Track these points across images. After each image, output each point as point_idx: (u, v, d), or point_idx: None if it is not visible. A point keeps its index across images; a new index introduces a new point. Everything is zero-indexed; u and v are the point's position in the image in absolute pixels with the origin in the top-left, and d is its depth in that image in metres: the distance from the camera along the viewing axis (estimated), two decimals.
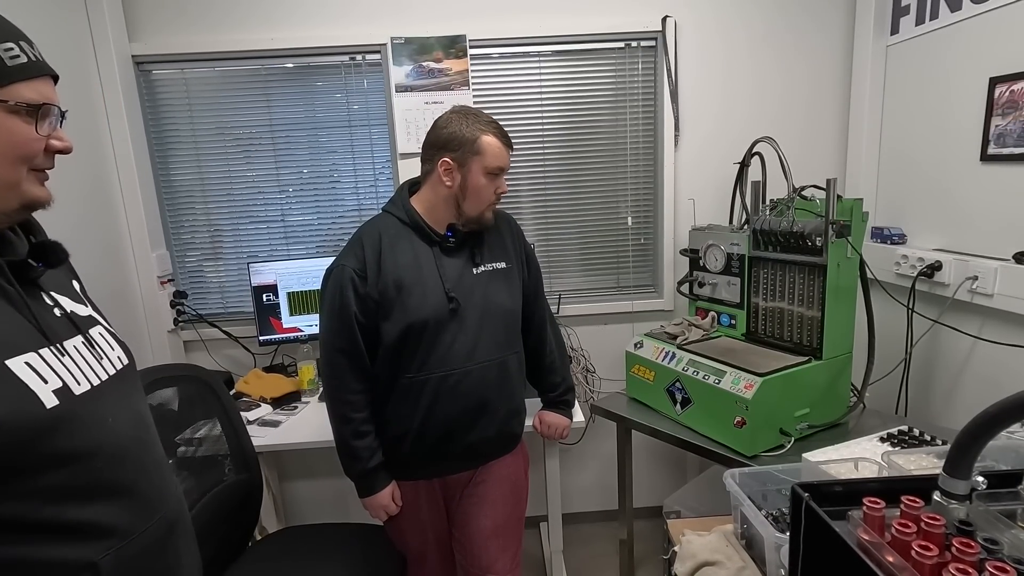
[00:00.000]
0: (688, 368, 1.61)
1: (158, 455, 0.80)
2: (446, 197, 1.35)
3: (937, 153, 1.80)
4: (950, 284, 1.67)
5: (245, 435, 1.52)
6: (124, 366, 0.79)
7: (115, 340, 0.81)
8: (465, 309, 1.35)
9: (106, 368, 0.74)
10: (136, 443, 0.74)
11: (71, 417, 0.65)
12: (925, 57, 1.83)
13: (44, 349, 0.66)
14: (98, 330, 0.78)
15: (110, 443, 0.70)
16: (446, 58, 2.08)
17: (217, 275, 2.28)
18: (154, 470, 0.77)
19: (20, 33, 0.67)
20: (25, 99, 0.64)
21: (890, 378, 1.85)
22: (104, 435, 0.69)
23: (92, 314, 0.80)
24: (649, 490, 2.46)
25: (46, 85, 0.68)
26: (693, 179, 2.21)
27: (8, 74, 0.63)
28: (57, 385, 0.65)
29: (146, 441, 0.77)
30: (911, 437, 1.35)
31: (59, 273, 0.78)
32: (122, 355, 0.80)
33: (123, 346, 0.82)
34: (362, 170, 2.22)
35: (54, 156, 0.70)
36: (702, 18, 2.12)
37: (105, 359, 0.75)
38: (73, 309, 0.75)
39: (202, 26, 2.05)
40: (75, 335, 0.73)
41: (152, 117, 2.13)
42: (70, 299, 0.77)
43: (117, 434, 0.71)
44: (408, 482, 1.44)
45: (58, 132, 0.70)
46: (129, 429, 0.74)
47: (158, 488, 0.76)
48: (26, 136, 0.65)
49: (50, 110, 0.67)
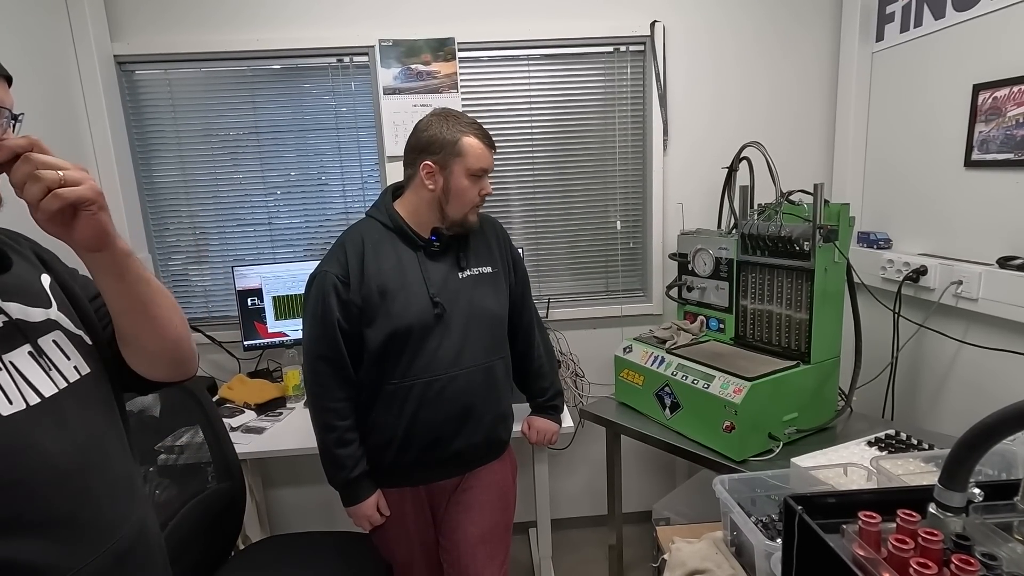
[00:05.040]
0: (677, 373, 1.61)
1: (114, 476, 0.73)
2: (429, 201, 1.33)
3: (922, 159, 1.82)
4: (935, 288, 1.69)
5: (228, 442, 1.49)
6: (81, 377, 0.72)
7: (77, 345, 0.74)
8: (450, 314, 1.34)
9: (55, 381, 0.68)
10: (79, 467, 0.67)
11: None
12: (910, 64, 1.85)
13: None
14: (53, 337, 0.72)
15: (39, 472, 0.63)
16: (434, 61, 2.07)
17: (202, 279, 2.24)
18: (104, 496, 0.70)
19: None
20: None
21: (877, 382, 1.86)
22: (31, 463, 0.62)
23: (52, 317, 0.73)
24: (638, 495, 2.45)
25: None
26: (682, 183, 2.22)
27: None
28: None
29: (95, 462, 0.70)
30: (898, 441, 1.36)
31: (20, 273, 0.72)
32: (81, 364, 0.73)
33: (88, 352, 0.76)
34: (349, 173, 2.20)
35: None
36: (691, 23, 2.13)
37: (55, 371, 0.69)
38: (22, 317, 0.69)
39: (186, 26, 2.02)
40: (20, 345, 0.67)
41: (135, 118, 2.09)
42: (22, 304, 0.70)
43: (51, 459, 0.64)
44: (394, 489, 1.42)
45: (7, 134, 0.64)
46: (71, 451, 0.67)
47: (106, 517, 0.70)
48: None
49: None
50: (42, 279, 0.76)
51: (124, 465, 0.76)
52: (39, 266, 0.78)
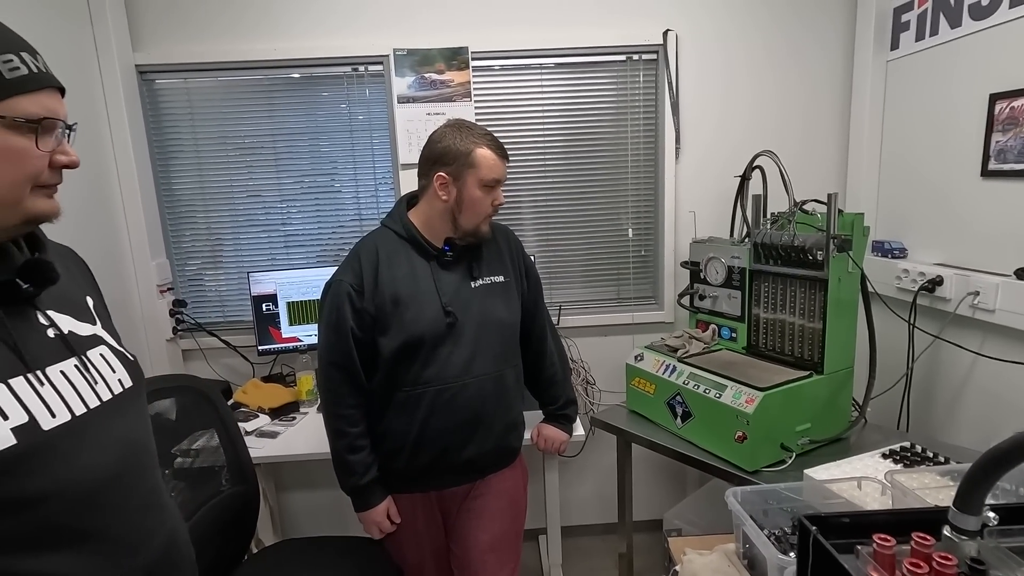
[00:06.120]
0: (689, 382, 1.61)
1: (149, 486, 0.74)
2: (442, 211, 1.34)
3: (938, 168, 1.80)
4: (951, 299, 1.67)
5: (242, 446, 1.51)
6: (125, 389, 0.74)
7: (121, 360, 0.76)
8: (462, 323, 1.35)
9: (99, 393, 0.69)
10: (116, 480, 0.68)
11: (29, 457, 0.59)
12: (925, 73, 1.83)
13: (17, 379, 0.61)
14: (100, 351, 0.73)
15: (79, 484, 0.64)
16: (448, 70, 2.09)
17: (217, 283, 2.27)
18: (137, 510, 0.71)
19: (22, 43, 0.63)
20: (25, 113, 0.61)
21: (891, 393, 1.84)
22: (72, 475, 0.63)
23: (98, 333, 0.75)
24: (649, 503, 2.44)
25: (51, 98, 0.65)
26: (694, 191, 2.21)
27: (7, 87, 0.60)
28: (21, 420, 0.59)
29: (133, 475, 0.71)
30: (913, 453, 1.34)
31: (69, 288, 0.74)
32: (125, 377, 0.75)
33: (131, 366, 0.77)
34: (363, 180, 2.22)
35: (61, 171, 0.66)
36: (704, 32, 2.13)
37: (101, 383, 0.70)
38: (72, 329, 0.71)
39: (206, 36, 2.06)
40: (67, 358, 0.68)
41: (154, 126, 2.13)
42: (73, 317, 0.72)
43: (91, 472, 0.65)
44: (405, 495, 1.43)
45: (63, 147, 0.66)
46: (110, 464, 0.68)
47: (138, 531, 0.70)
48: (26, 153, 0.62)
49: (53, 124, 0.64)
50: (87, 299, 0.78)
51: (155, 477, 0.77)
52: (84, 286, 0.80)
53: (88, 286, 0.82)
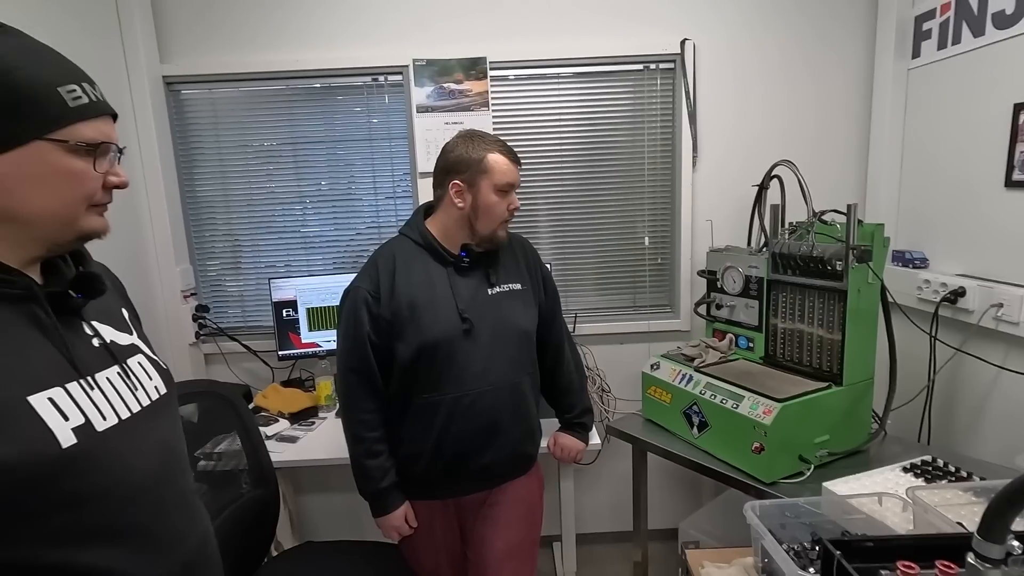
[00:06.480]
0: (705, 391, 1.60)
1: (183, 488, 0.79)
2: (459, 218, 1.37)
3: (960, 177, 1.78)
4: (974, 311, 1.65)
5: (263, 450, 1.53)
6: (160, 396, 0.78)
7: (156, 368, 0.80)
8: (479, 330, 1.36)
9: (139, 399, 0.74)
10: (157, 481, 0.72)
11: (87, 457, 0.64)
12: (947, 82, 1.82)
13: (72, 383, 0.65)
14: (138, 359, 0.78)
15: (126, 483, 0.68)
16: (466, 79, 2.11)
17: (237, 287, 2.31)
18: (175, 509, 0.75)
19: (83, 75, 0.68)
20: (85, 138, 0.66)
21: (912, 405, 1.82)
22: (121, 474, 0.67)
23: (135, 342, 0.80)
24: (664, 512, 2.43)
25: (106, 124, 0.70)
26: (711, 200, 2.21)
27: (70, 114, 0.65)
28: (79, 422, 0.64)
29: (170, 476, 0.76)
30: (935, 467, 1.33)
31: (108, 301, 0.78)
32: (160, 384, 0.79)
33: (164, 374, 0.81)
34: (382, 187, 2.26)
35: (112, 191, 0.71)
36: (722, 41, 2.13)
37: (140, 390, 0.74)
38: (113, 339, 0.75)
39: (230, 48, 2.11)
40: (110, 366, 0.72)
41: (179, 135, 2.19)
42: (113, 328, 0.77)
43: (137, 472, 0.69)
44: (422, 501, 1.44)
45: (115, 168, 0.71)
46: (152, 465, 0.72)
47: (177, 529, 0.74)
48: (85, 174, 0.67)
49: (108, 148, 0.69)
50: (123, 311, 0.83)
51: (189, 480, 0.81)
52: (119, 299, 0.85)
53: (122, 298, 0.87)
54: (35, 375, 0.62)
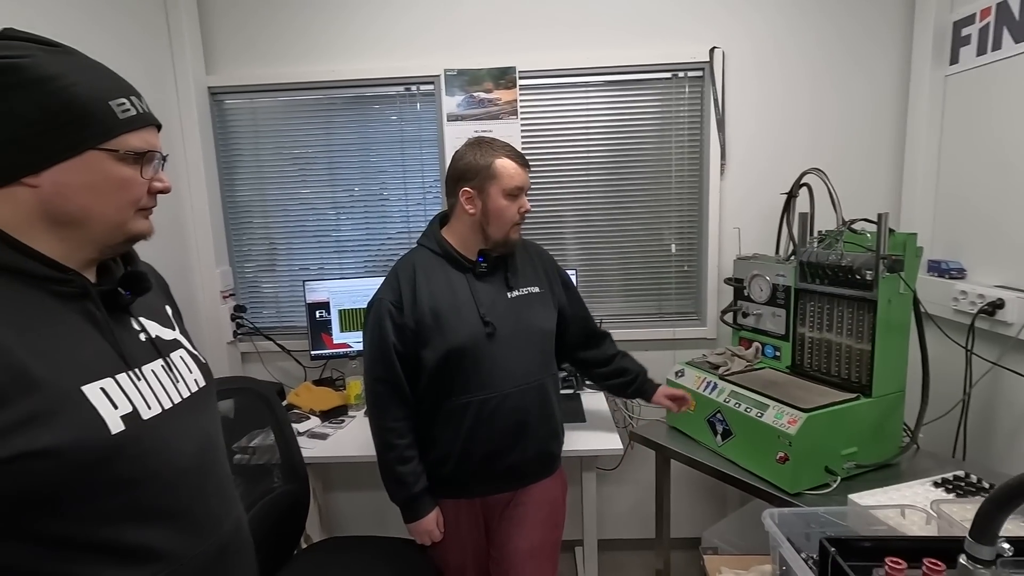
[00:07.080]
0: (730, 400, 1.60)
1: (221, 475, 0.83)
2: (472, 224, 1.40)
3: (999, 186, 1.73)
4: (1013, 323, 1.60)
5: (295, 446, 1.60)
6: (200, 388, 0.83)
7: (195, 362, 0.85)
8: (501, 332, 1.39)
9: (180, 391, 0.78)
10: (197, 467, 0.77)
11: (134, 442, 0.68)
12: (987, 88, 1.77)
13: (121, 374, 0.71)
14: (180, 353, 0.83)
15: (169, 468, 0.73)
16: (496, 88, 2.16)
17: (273, 289, 2.40)
18: (213, 494, 0.80)
19: (131, 89, 0.74)
20: (132, 148, 0.71)
21: (947, 419, 1.77)
22: (165, 460, 0.72)
23: (178, 337, 0.85)
24: (687, 520, 2.41)
25: (151, 134, 0.75)
26: (739, 208, 2.20)
27: (119, 126, 0.70)
28: (127, 410, 0.69)
29: (209, 464, 0.80)
30: (967, 483, 1.29)
31: (153, 298, 0.84)
32: (199, 377, 0.84)
33: (203, 368, 0.87)
34: (412, 193, 2.32)
35: (156, 195, 0.77)
36: (751, 49, 2.12)
37: (181, 382, 0.79)
38: (158, 334, 0.81)
39: (270, 59, 2.20)
40: (155, 359, 0.77)
41: (221, 142, 2.29)
42: (158, 324, 0.83)
43: (178, 458, 0.74)
44: (449, 500, 1.48)
45: (159, 175, 0.77)
46: (192, 452, 0.77)
47: (214, 513, 0.79)
48: (133, 181, 0.72)
49: (153, 156, 0.75)
50: (166, 308, 0.89)
51: (226, 469, 0.86)
52: (163, 297, 0.91)
53: (166, 296, 0.93)
54: (89, 366, 0.68)
